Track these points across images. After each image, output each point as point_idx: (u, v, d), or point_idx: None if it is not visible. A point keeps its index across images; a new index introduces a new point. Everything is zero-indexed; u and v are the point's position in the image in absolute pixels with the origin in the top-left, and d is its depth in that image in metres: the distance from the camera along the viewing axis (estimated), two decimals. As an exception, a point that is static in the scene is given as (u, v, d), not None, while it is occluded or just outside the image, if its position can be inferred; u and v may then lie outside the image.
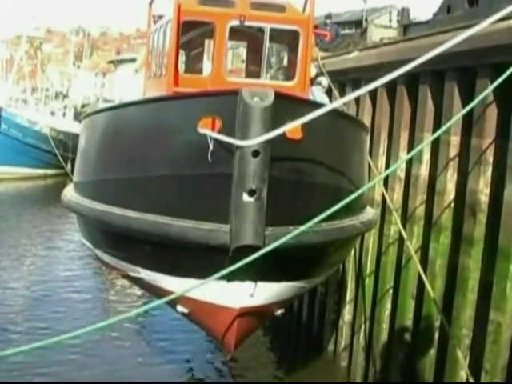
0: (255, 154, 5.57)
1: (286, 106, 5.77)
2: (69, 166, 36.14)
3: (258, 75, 10.41)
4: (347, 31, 56.62)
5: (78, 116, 49.14)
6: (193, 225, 6.04)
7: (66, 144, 39.06)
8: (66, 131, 40.89)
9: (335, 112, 7.28)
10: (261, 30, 9.94)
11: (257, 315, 6.85)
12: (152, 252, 6.74)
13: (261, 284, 6.46)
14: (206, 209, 6.06)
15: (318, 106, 7.45)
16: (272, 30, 9.80)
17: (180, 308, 7.09)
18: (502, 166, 7.40)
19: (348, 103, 11.60)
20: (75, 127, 42.58)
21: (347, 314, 11.35)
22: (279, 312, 7.30)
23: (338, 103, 9.03)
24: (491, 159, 7.62)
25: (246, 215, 5.70)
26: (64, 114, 46.67)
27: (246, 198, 5.68)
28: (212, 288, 6.32)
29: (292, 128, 5.74)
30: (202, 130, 5.83)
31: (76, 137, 40.58)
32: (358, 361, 10.77)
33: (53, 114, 44.67)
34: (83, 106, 55.75)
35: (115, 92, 46.74)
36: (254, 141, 5.52)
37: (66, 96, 52.09)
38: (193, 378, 11.39)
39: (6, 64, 45.68)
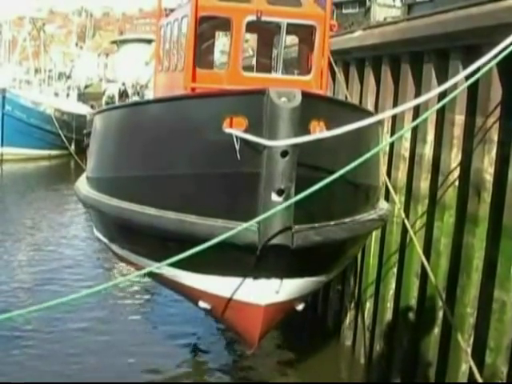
0: (284, 154, 5.58)
1: (313, 105, 5.76)
2: (73, 146, 36.19)
3: (274, 69, 10.38)
4: (350, 10, 56.31)
5: (81, 97, 49.18)
6: (220, 223, 6.04)
7: (70, 125, 39.06)
8: (70, 112, 40.88)
9: (356, 108, 7.24)
10: (277, 25, 9.93)
11: (280, 310, 6.92)
12: (176, 249, 6.72)
13: (286, 280, 6.50)
14: (233, 208, 6.05)
15: (345, 105, 7.40)
16: (288, 25, 9.80)
17: (202, 304, 7.08)
18: (506, 145, 7.39)
19: (352, 82, 11.58)
20: (79, 108, 42.56)
21: (351, 293, 11.38)
22: (300, 307, 7.35)
23: (388, 114, 8.99)
24: (496, 138, 7.60)
25: (274, 214, 5.68)
26: (67, 95, 46.64)
27: (274, 197, 5.68)
28: (238, 285, 6.41)
29: (317, 127, 5.78)
30: (227, 130, 5.82)
31: (80, 117, 40.56)
32: (362, 340, 10.82)
33: (56, 94, 44.59)
34: (86, 86, 55.65)
35: (118, 72, 46.66)
36: (284, 142, 5.53)
37: (69, 77, 51.94)
38: (195, 356, 11.48)
39: (8, 45, 45.48)
